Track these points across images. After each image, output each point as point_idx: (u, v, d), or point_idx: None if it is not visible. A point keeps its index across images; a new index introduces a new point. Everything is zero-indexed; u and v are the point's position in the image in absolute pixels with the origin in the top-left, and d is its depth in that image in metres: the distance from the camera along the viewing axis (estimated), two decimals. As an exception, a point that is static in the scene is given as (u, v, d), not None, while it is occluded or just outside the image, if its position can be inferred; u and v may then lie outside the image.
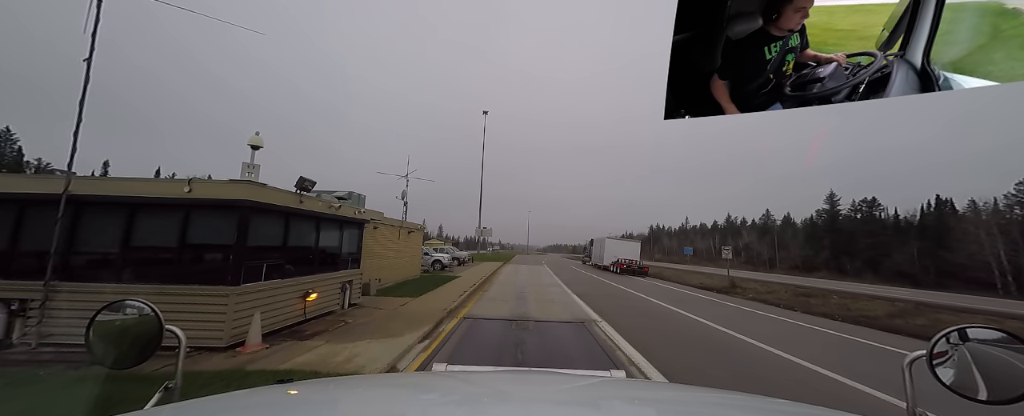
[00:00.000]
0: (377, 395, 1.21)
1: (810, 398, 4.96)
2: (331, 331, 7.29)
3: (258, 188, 6.22)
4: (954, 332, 0.98)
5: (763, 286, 24.96)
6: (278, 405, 1.03)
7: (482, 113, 50.59)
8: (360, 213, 10.22)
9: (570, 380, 1.51)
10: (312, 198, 7.99)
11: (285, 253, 7.17)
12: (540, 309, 11.31)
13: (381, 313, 9.25)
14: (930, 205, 63.01)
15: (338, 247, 9.25)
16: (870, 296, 21.42)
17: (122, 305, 1.11)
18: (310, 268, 8.01)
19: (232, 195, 5.97)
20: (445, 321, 8.96)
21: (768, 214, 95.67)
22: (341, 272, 9.29)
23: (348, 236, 9.76)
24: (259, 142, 6.39)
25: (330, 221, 8.82)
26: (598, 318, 10.19)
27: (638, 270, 31.23)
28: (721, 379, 5.47)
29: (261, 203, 6.25)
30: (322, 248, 8.52)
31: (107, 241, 5.86)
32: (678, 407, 1.22)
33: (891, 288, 32.64)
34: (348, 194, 13.12)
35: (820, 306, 16.28)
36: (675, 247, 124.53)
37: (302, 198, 7.51)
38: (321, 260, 8.50)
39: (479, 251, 59.57)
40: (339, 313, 9.02)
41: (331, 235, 9.00)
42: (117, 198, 5.87)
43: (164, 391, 1.04)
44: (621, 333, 8.39)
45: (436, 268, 24.32)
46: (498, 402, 1.12)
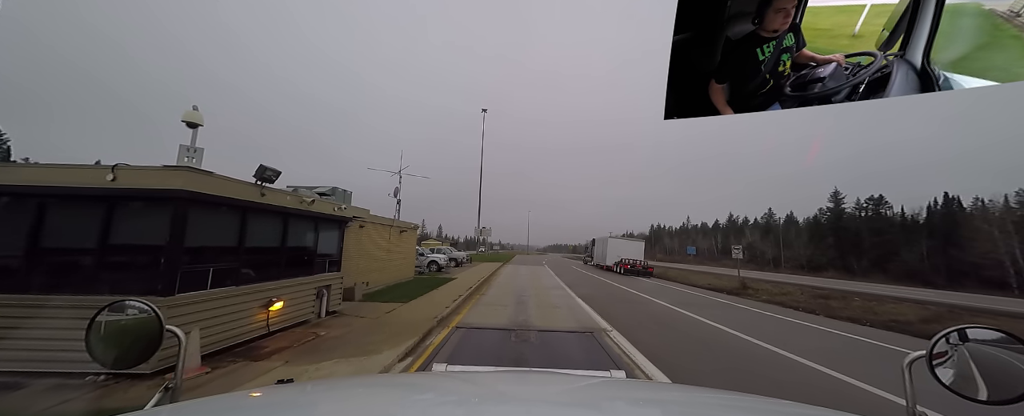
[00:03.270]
0: (377, 395, 1.21)
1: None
2: (296, 347, 6.16)
3: (200, 176, 5.09)
4: (954, 332, 0.98)
5: (775, 287, 23.83)
6: (278, 405, 1.02)
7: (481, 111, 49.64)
8: (341, 210, 9.09)
9: (570, 380, 1.48)
10: (279, 191, 6.87)
11: (242, 255, 6.05)
12: (542, 316, 10.18)
13: (362, 323, 8.12)
14: (936, 203, 61.87)
15: (313, 247, 8.13)
16: (894, 298, 20.24)
17: (122, 305, 1.12)
18: (275, 272, 6.89)
19: (166, 184, 4.84)
20: (434, 332, 7.83)
21: (771, 213, 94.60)
22: (317, 276, 8.16)
23: (326, 235, 8.64)
24: (197, 118, 5.18)
25: (302, 218, 7.70)
26: (608, 326, 9.06)
27: (643, 270, 30.09)
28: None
29: (204, 195, 5.12)
30: (292, 249, 7.39)
31: (6, 242, 4.74)
32: (679, 407, 1.20)
33: (907, 288, 31.54)
34: (331, 190, 11.96)
35: (842, 309, 15.15)
36: (676, 247, 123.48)
37: (264, 191, 6.39)
38: (291, 263, 7.37)
39: (478, 251, 58.49)
40: (313, 323, 7.90)
41: (304, 234, 7.88)
42: (21, 188, 4.75)
43: (164, 391, 1.04)
44: (637, 346, 7.26)
45: (432, 270, 23.18)
46: (498, 402, 1.12)
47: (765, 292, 20.41)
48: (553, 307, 11.80)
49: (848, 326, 11.55)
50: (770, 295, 19.16)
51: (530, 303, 12.36)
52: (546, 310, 11.14)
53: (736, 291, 20.40)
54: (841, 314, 13.95)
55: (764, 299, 17.89)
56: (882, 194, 64.80)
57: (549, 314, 10.50)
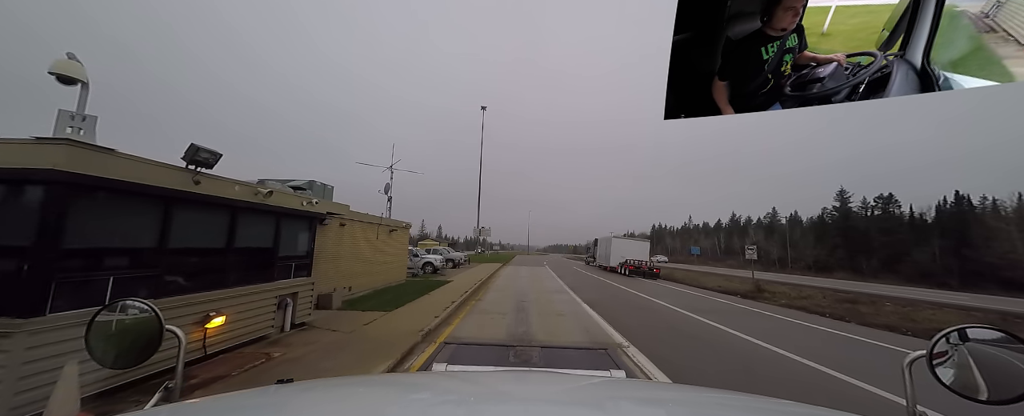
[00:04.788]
0: (377, 395, 1.20)
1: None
2: (235, 376, 4.85)
3: (90, 154, 3.77)
4: (954, 332, 0.97)
5: (792, 289, 22.53)
6: (278, 405, 1.01)
7: (480, 108, 48.41)
8: (312, 204, 7.76)
9: (571, 380, 1.48)
10: (223, 180, 5.55)
11: (165, 259, 4.73)
12: (546, 326, 8.86)
13: (331, 339, 6.81)
14: (946, 202, 60.42)
15: (272, 248, 6.80)
16: (932, 303, 18.80)
17: (122, 305, 1.12)
18: (218, 280, 5.57)
19: (33, 163, 3.53)
20: (417, 350, 6.51)
21: (774, 212, 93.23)
22: (278, 283, 6.84)
23: (290, 234, 7.32)
24: (74, 71, 3.70)
25: (257, 213, 6.38)
26: (623, 340, 7.74)
27: (649, 272, 28.73)
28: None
29: (95, 179, 3.80)
30: (242, 251, 6.07)
31: None
32: (679, 407, 1.19)
33: (927, 291, 30.24)
34: (308, 183, 10.65)
35: (874, 315, 13.85)
36: (678, 247, 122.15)
37: (198, 177, 5.07)
38: (241, 267, 6.06)
39: (476, 251, 57.14)
40: (272, 340, 6.58)
41: (259, 232, 6.56)
42: None
43: (164, 391, 1.05)
44: (663, 367, 5.95)
45: (426, 271, 21.86)
46: (498, 402, 1.11)
47: (783, 295, 19.08)
48: (558, 315, 10.48)
49: (889, 336, 10.23)
50: (789, 299, 17.84)
51: (532, 310, 11.04)
52: (550, 319, 9.82)
53: (751, 294, 19.06)
54: (874, 320, 12.64)
55: (783, 303, 16.56)
56: (891, 192, 63.33)
57: (554, 324, 9.18)
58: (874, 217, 63.42)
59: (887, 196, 63.09)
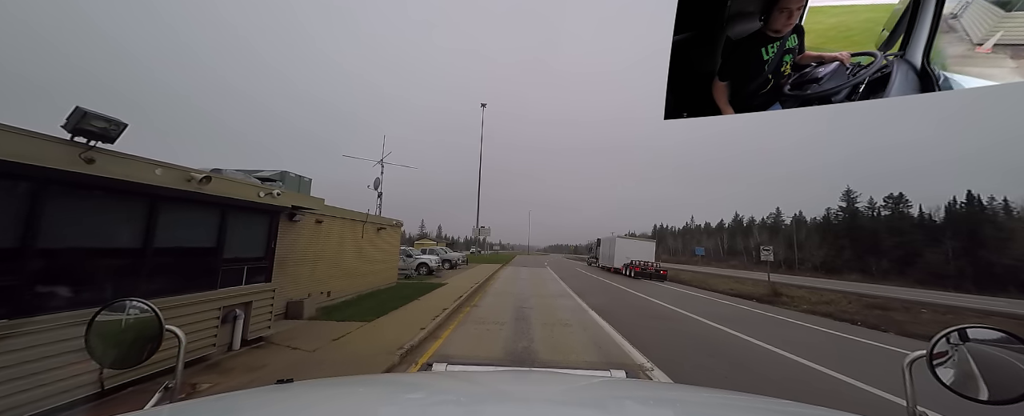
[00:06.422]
0: (377, 395, 1.19)
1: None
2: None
3: None
4: (954, 332, 0.95)
5: (809, 292, 21.18)
6: (278, 405, 1.01)
7: (480, 106, 47.20)
8: (271, 196, 6.47)
9: (571, 380, 1.46)
10: (134, 159, 4.27)
11: (31, 264, 3.45)
12: (551, 340, 7.56)
13: (287, 360, 5.52)
14: (955, 202, 59.01)
15: (214, 248, 5.52)
16: (975, 311, 17.37)
17: (122, 305, 1.09)
18: (126, 289, 4.28)
19: None
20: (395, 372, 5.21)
21: (778, 213, 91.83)
22: (223, 291, 5.55)
23: (242, 231, 6.03)
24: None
25: (192, 205, 5.10)
26: (644, 359, 6.45)
27: (655, 273, 27.40)
28: None
29: None
30: (167, 251, 4.79)
31: None
32: (679, 407, 1.18)
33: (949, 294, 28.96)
34: (280, 174, 9.39)
35: (911, 324, 12.55)
36: (680, 247, 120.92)
37: (91, 154, 3.79)
38: (167, 272, 4.78)
39: (475, 251, 55.87)
40: (213, 362, 5.30)
41: (195, 229, 5.27)
42: None
43: (164, 391, 1.03)
44: (702, 403, 4.65)
45: (421, 273, 20.57)
46: (498, 401, 1.10)
47: (802, 300, 17.73)
48: (563, 325, 9.18)
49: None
50: (810, 304, 16.49)
51: (533, 319, 9.73)
52: (555, 330, 8.52)
53: (768, 298, 17.75)
54: (915, 330, 11.33)
55: (805, 309, 15.26)
56: (902, 192, 61.89)
57: (559, 337, 7.88)
58: (882, 217, 62.02)
59: (897, 196, 61.68)
